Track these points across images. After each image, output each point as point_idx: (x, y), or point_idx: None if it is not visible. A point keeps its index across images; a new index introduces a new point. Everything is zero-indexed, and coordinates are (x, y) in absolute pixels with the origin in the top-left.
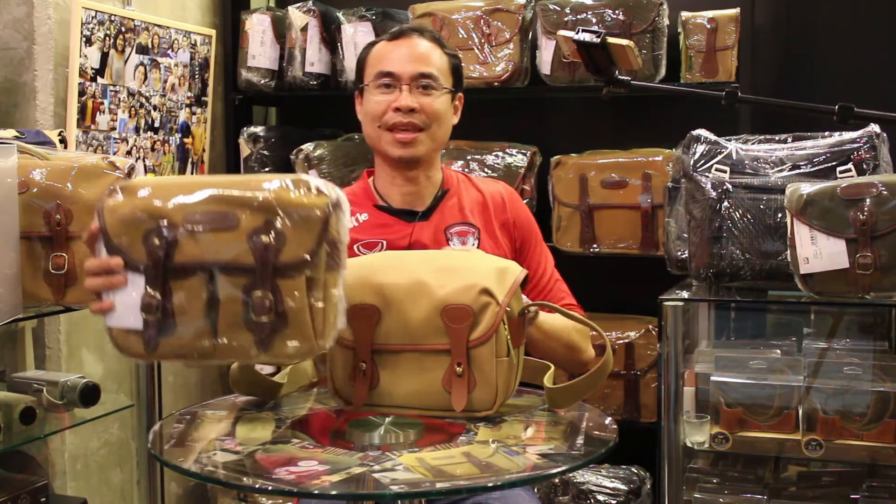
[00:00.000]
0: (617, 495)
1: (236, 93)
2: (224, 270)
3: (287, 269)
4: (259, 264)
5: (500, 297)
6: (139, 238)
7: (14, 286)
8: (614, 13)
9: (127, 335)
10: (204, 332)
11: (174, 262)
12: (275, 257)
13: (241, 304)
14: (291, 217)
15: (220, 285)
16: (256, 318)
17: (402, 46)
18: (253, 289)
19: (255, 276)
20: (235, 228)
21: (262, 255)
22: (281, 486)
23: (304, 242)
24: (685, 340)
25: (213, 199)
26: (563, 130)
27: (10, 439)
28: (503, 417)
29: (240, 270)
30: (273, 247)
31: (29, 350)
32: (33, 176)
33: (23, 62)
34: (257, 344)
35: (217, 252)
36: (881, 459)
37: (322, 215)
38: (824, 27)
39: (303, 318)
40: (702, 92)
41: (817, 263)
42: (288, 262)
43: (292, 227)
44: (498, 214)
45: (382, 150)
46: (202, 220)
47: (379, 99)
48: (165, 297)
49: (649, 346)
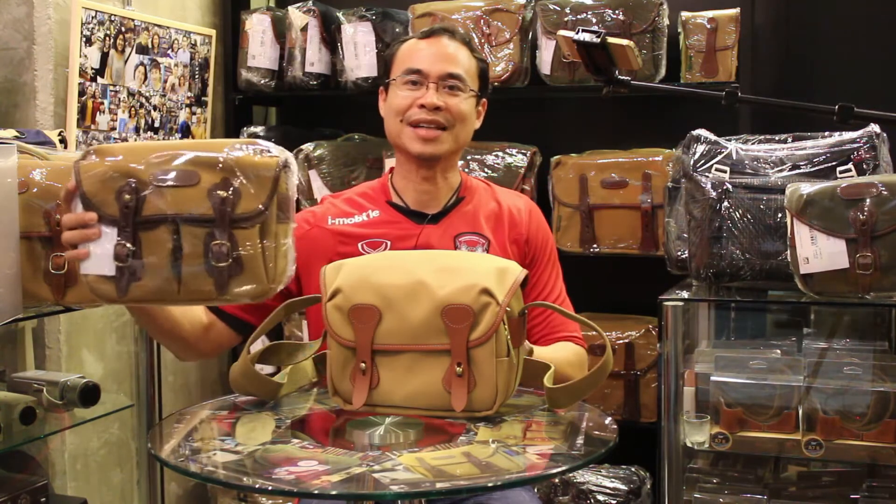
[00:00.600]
0: (617, 495)
1: (236, 93)
2: (187, 222)
3: (242, 221)
4: (218, 216)
5: (501, 297)
6: (112, 195)
7: (14, 286)
8: (614, 13)
9: (101, 281)
10: (169, 277)
11: (143, 216)
12: (231, 210)
13: (201, 253)
14: (247, 175)
15: (183, 236)
16: (216, 264)
17: (432, 45)
18: (213, 238)
19: (214, 226)
20: (197, 185)
21: (220, 208)
22: (281, 486)
23: (257, 197)
24: (685, 340)
25: (176, 159)
26: (563, 130)
27: (10, 439)
28: (503, 417)
29: (201, 222)
30: (230, 200)
31: (29, 350)
32: (33, 176)
33: (23, 62)
34: (216, 287)
35: (181, 206)
36: (881, 459)
37: (273, 174)
38: (824, 27)
39: (256, 263)
40: (702, 92)
41: (817, 263)
42: (243, 214)
43: (247, 184)
44: (512, 229)
45: (403, 145)
46: (168, 178)
47: (405, 94)
48: (136, 247)
49: (649, 346)
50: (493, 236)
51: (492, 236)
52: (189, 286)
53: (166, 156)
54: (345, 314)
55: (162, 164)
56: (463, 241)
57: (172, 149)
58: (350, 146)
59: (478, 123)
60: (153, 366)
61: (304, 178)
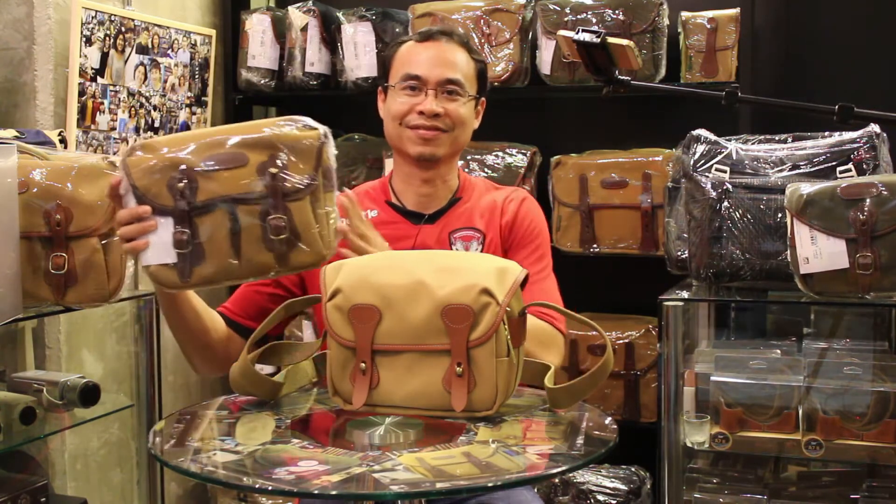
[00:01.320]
0: (617, 495)
1: (236, 93)
2: (241, 202)
3: (294, 193)
4: (271, 192)
5: (501, 297)
6: (164, 186)
7: (14, 286)
8: (614, 13)
9: (163, 269)
10: (230, 256)
11: (197, 202)
12: (282, 184)
13: (259, 229)
14: (292, 149)
15: (239, 215)
16: (275, 237)
17: (430, 49)
18: (268, 214)
19: (268, 202)
20: (246, 165)
21: (272, 184)
22: (281, 486)
23: (305, 169)
24: (685, 340)
25: (222, 144)
26: (563, 130)
27: (10, 439)
28: (503, 417)
29: (255, 200)
30: (280, 176)
31: (29, 350)
32: (33, 176)
33: (23, 62)
34: (277, 260)
35: (233, 187)
36: (881, 459)
37: (317, 145)
38: (824, 27)
39: (311, 232)
40: (702, 92)
41: (817, 263)
42: (293, 186)
43: (294, 158)
44: (500, 218)
45: (403, 147)
46: (216, 162)
47: (403, 100)
48: (193, 233)
49: (649, 346)
50: (488, 230)
51: (486, 230)
52: (250, 262)
53: (211, 142)
54: (345, 314)
55: (208, 150)
56: (458, 237)
57: (215, 135)
58: (350, 146)
59: (476, 123)
60: (153, 366)
61: None
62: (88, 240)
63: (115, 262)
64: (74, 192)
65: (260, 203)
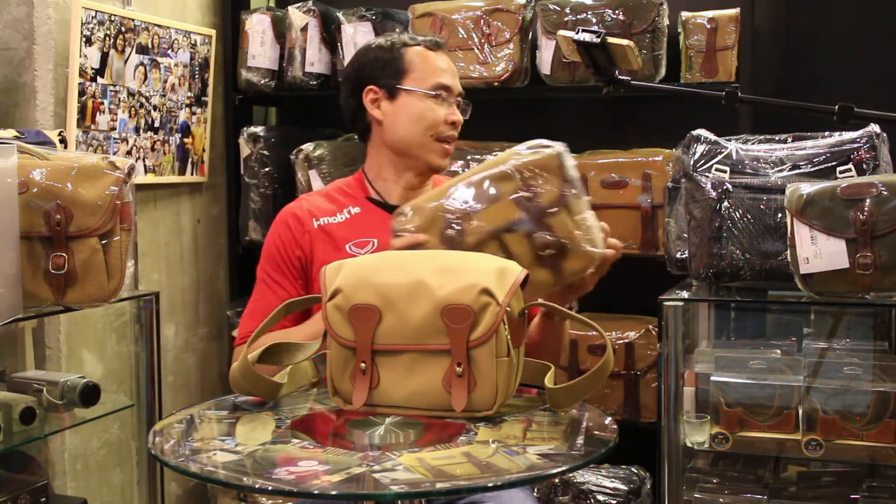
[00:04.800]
0: (617, 495)
1: (236, 93)
2: (507, 231)
3: (551, 209)
4: (529, 215)
5: (501, 297)
6: (437, 237)
7: (14, 286)
8: (614, 13)
9: None
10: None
11: (470, 241)
12: (536, 204)
13: (528, 250)
14: (536, 173)
15: (509, 244)
16: (544, 254)
17: (444, 59)
18: (532, 233)
19: (530, 224)
20: (500, 199)
21: (528, 207)
22: (281, 486)
23: (552, 186)
24: (685, 340)
25: (474, 185)
26: (563, 130)
27: (10, 439)
28: (503, 417)
29: (516, 225)
30: (533, 198)
31: (29, 350)
32: (33, 176)
33: (23, 62)
34: (552, 273)
35: (496, 220)
36: (881, 459)
37: (557, 163)
38: (824, 27)
39: (575, 239)
40: (702, 92)
41: (817, 263)
42: (548, 204)
43: (540, 180)
44: None
45: (423, 156)
46: (475, 203)
47: (438, 109)
48: None
49: (649, 346)
50: None
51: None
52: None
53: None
54: (345, 314)
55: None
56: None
57: (465, 179)
58: (350, 146)
59: None
60: (153, 366)
61: (304, 178)
62: (88, 240)
63: (115, 262)
64: (74, 192)
65: (523, 228)
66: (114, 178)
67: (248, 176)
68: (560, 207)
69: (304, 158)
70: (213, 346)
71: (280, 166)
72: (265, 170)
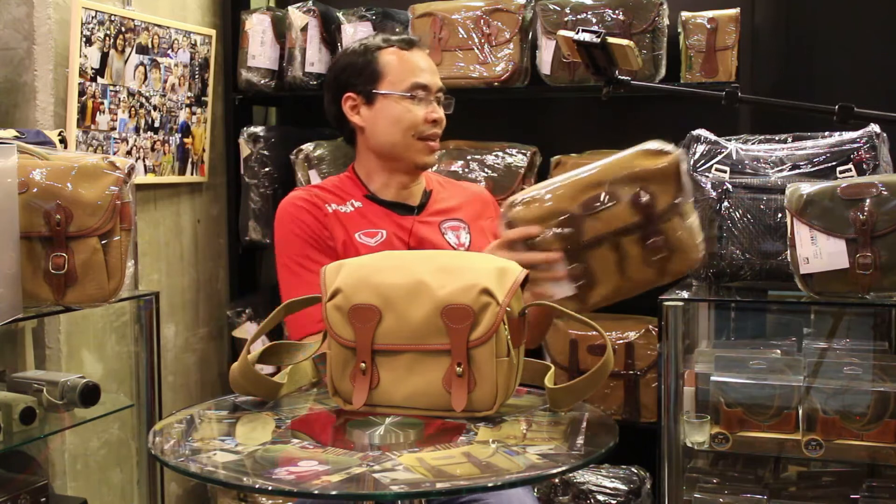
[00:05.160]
0: (617, 495)
1: (236, 93)
2: (622, 233)
3: (665, 214)
4: (645, 219)
5: (501, 297)
6: (550, 228)
7: (14, 286)
8: (614, 13)
9: (564, 302)
10: (619, 280)
11: (584, 240)
12: (653, 209)
13: (640, 252)
14: (655, 178)
15: (623, 245)
16: (654, 258)
17: (420, 57)
18: (647, 238)
19: (645, 227)
20: (619, 202)
21: (645, 210)
22: (281, 486)
23: (669, 191)
24: (685, 340)
25: (591, 187)
26: (563, 130)
27: (10, 439)
28: (503, 417)
29: (633, 229)
30: (651, 202)
31: (29, 350)
32: (33, 176)
33: (23, 62)
34: (657, 273)
35: (613, 223)
36: (881, 459)
37: (675, 169)
38: (824, 27)
39: (683, 242)
40: (702, 92)
41: (817, 263)
42: (664, 209)
43: (658, 185)
44: (483, 213)
45: (408, 157)
46: (594, 203)
47: (416, 109)
48: (585, 266)
49: (649, 346)
50: (469, 220)
51: (468, 220)
52: (633, 280)
53: (585, 186)
54: (345, 314)
55: (584, 194)
56: (448, 226)
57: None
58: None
59: None
60: (153, 366)
61: (304, 178)
62: (88, 240)
63: (115, 262)
64: (74, 192)
65: (638, 231)
66: (114, 178)
67: (248, 176)
68: (674, 214)
69: (304, 158)
70: (213, 346)
71: (280, 166)
72: (265, 170)
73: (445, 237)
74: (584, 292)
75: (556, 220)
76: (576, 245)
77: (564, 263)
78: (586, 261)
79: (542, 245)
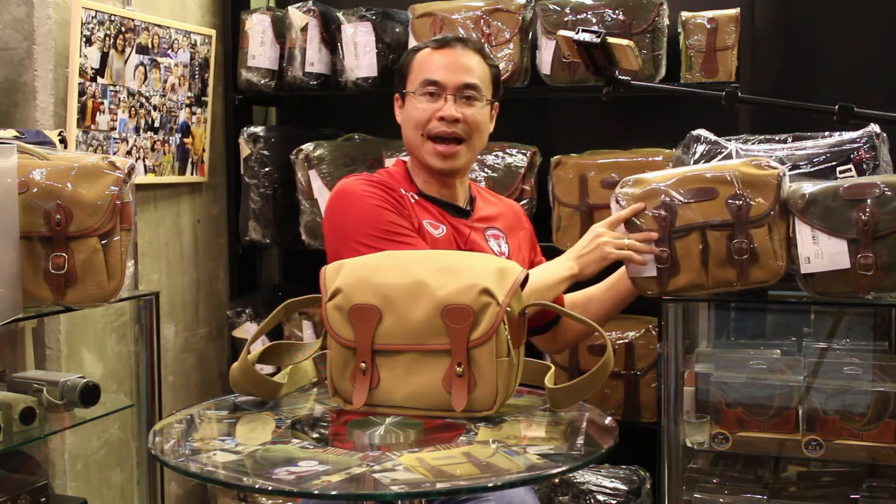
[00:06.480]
0: (617, 495)
1: (236, 93)
2: (712, 227)
3: (756, 221)
4: (736, 220)
5: (501, 297)
6: (650, 208)
7: (14, 286)
8: (614, 13)
9: (645, 280)
10: (700, 272)
11: (676, 226)
12: (746, 214)
13: (725, 249)
14: (754, 185)
15: (709, 238)
16: (738, 258)
17: (447, 55)
18: (733, 238)
19: (735, 228)
20: (716, 198)
21: (738, 213)
22: (281, 486)
23: (764, 201)
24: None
25: (696, 179)
26: (563, 130)
27: (10, 439)
28: (503, 417)
29: (722, 226)
30: (744, 206)
31: (29, 350)
32: (33, 176)
33: (23, 62)
34: (738, 275)
35: (706, 215)
36: (881, 459)
37: (776, 182)
38: (824, 27)
39: (768, 253)
40: (702, 92)
41: (818, 263)
42: (756, 216)
43: (756, 192)
44: (517, 226)
45: (422, 158)
46: (692, 194)
47: (424, 107)
48: (672, 251)
49: (649, 346)
50: (505, 230)
51: (504, 230)
52: (715, 276)
53: (689, 177)
54: (345, 314)
55: (686, 184)
56: (490, 234)
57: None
58: (350, 146)
59: (491, 127)
60: (153, 366)
61: (304, 178)
62: (88, 240)
63: (115, 262)
64: (74, 192)
65: (727, 229)
66: (114, 178)
67: (248, 176)
68: (765, 223)
69: (304, 158)
70: (213, 346)
71: (280, 166)
72: (265, 170)
73: (489, 244)
74: (664, 277)
75: (656, 201)
76: (670, 228)
77: (653, 245)
78: (674, 247)
79: (642, 225)
